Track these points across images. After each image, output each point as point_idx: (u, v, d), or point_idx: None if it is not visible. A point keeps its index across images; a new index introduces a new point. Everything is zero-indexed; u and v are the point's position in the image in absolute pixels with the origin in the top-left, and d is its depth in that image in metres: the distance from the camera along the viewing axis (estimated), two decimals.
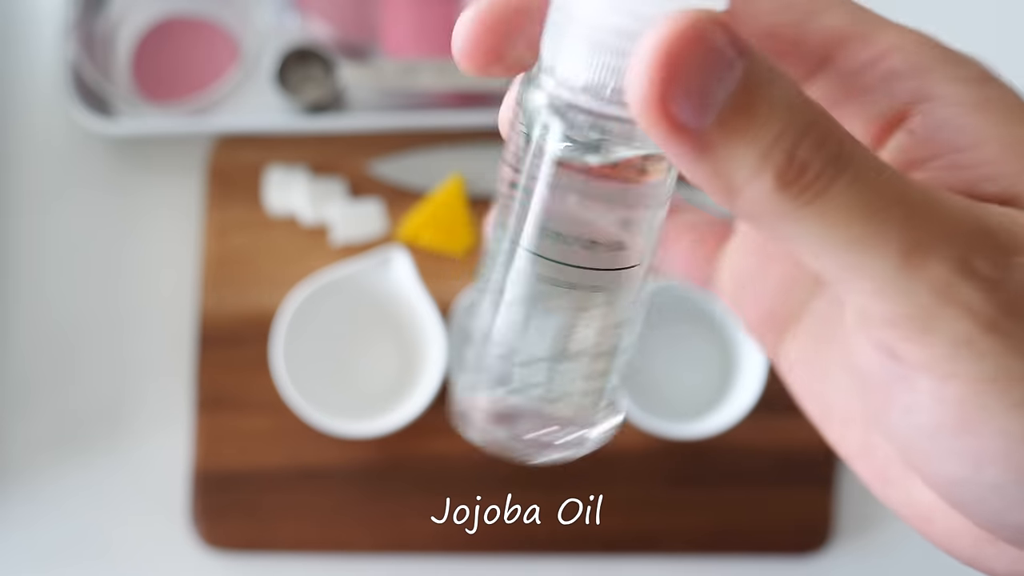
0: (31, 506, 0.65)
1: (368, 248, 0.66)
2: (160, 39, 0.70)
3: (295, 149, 0.68)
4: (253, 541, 0.63)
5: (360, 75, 0.66)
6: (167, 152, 0.70)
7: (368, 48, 0.70)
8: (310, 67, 0.69)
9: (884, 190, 0.20)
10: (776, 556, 0.65)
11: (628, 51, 0.20)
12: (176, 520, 0.64)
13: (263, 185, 0.67)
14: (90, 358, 0.66)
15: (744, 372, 0.62)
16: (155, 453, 0.65)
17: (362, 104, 0.69)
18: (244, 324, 0.65)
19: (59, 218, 0.69)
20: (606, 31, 0.20)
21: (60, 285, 0.68)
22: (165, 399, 0.66)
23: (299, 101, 0.67)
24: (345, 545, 0.64)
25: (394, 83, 0.66)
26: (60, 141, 0.70)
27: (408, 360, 0.63)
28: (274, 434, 0.64)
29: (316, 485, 0.64)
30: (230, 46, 0.70)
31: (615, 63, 0.21)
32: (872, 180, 0.20)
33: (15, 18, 0.72)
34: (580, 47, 0.21)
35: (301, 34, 0.69)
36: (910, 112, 0.24)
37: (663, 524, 0.65)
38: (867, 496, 0.66)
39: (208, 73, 0.70)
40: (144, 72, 0.70)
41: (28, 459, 0.65)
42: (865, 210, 0.20)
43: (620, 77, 0.21)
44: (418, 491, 0.64)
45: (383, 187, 0.67)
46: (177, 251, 0.68)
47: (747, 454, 0.65)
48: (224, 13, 0.70)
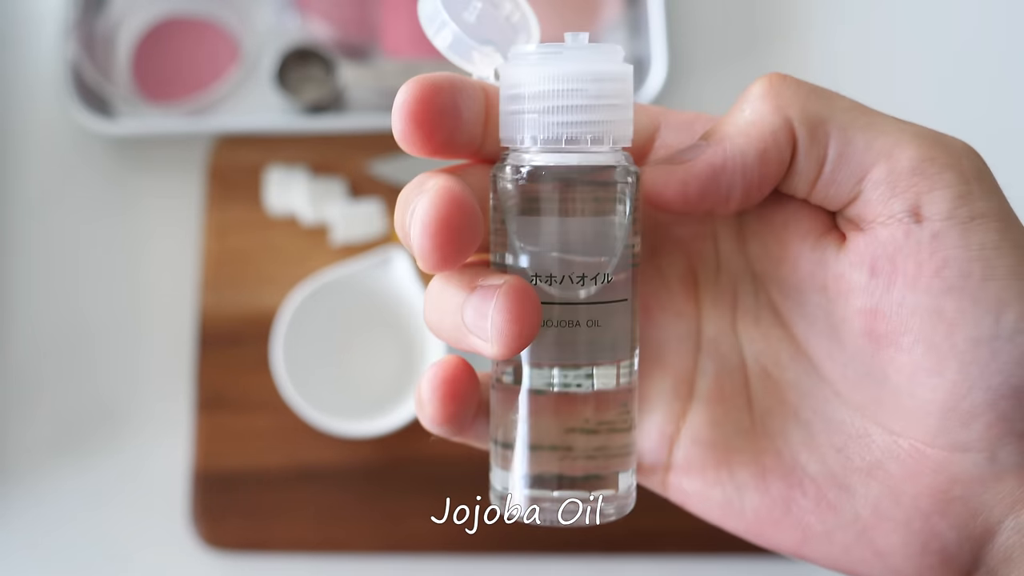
0: (31, 506, 0.65)
1: (368, 248, 0.66)
2: (160, 39, 0.70)
3: (295, 149, 0.68)
4: (253, 541, 0.63)
5: (360, 75, 0.66)
6: (167, 152, 0.70)
7: (368, 48, 0.70)
8: (310, 67, 0.69)
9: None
10: (776, 556, 0.65)
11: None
12: (176, 520, 0.64)
13: (263, 185, 0.67)
14: (90, 358, 0.66)
15: None
16: (155, 453, 0.65)
17: (362, 104, 0.69)
18: (244, 324, 0.65)
19: (59, 218, 0.69)
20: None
21: (60, 285, 0.68)
22: (165, 399, 0.66)
23: (299, 101, 0.67)
24: (345, 545, 0.64)
25: (394, 83, 0.66)
26: (60, 141, 0.70)
27: (408, 360, 0.63)
28: (274, 434, 0.64)
29: (316, 485, 0.64)
30: (230, 46, 0.70)
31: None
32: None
33: (15, 18, 0.72)
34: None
35: (301, 34, 0.69)
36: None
37: (663, 524, 0.64)
38: None
39: (208, 73, 0.70)
40: (144, 72, 0.70)
41: (28, 459, 0.65)
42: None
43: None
44: (418, 491, 0.64)
45: (383, 187, 0.67)
46: (177, 251, 0.68)
47: None
48: (224, 13, 0.70)
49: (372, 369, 0.64)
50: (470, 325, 0.26)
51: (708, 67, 0.73)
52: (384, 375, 0.64)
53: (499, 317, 0.26)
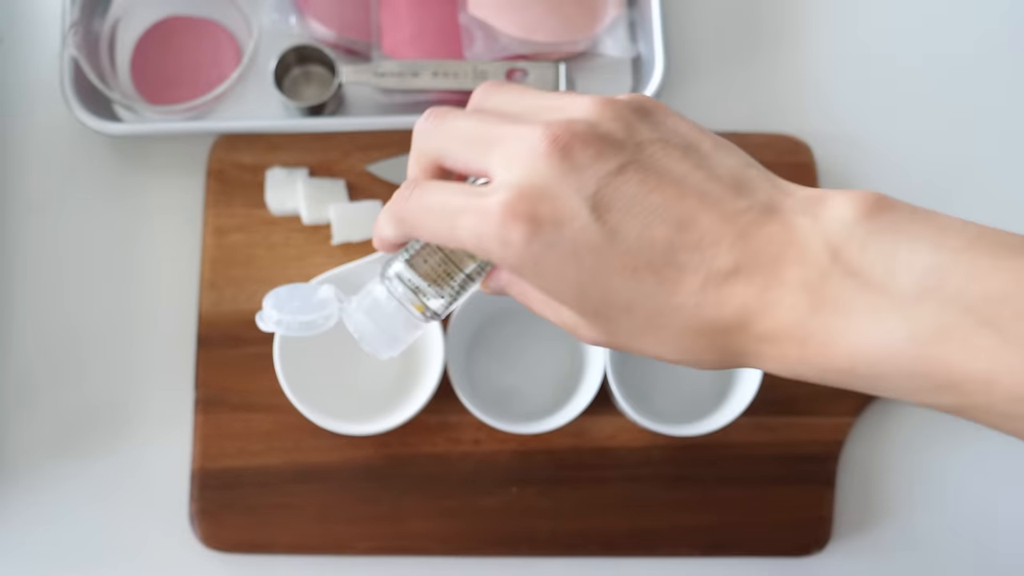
0: (32, 506, 0.65)
1: (368, 248, 0.66)
2: (160, 39, 0.70)
3: (295, 149, 0.68)
4: (252, 541, 0.63)
5: (360, 75, 0.66)
6: (167, 152, 0.70)
7: (368, 48, 0.70)
8: (310, 67, 0.69)
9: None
10: (776, 556, 0.65)
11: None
12: (177, 520, 0.64)
13: (263, 185, 0.67)
14: (91, 358, 0.66)
15: (743, 371, 0.62)
16: (156, 453, 0.65)
17: (362, 104, 0.69)
18: (244, 324, 0.65)
19: (59, 218, 0.69)
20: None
21: (60, 285, 0.68)
22: (166, 399, 0.66)
23: (299, 101, 0.67)
24: (344, 545, 0.64)
25: (394, 83, 0.66)
26: (60, 141, 0.70)
27: (408, 360, 0.63)
28: (274, 434, 0.64)
29: (316, 485, 0.64)
30: (230, 46, 0.70)
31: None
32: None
33: (15, 18, 0.72)
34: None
35: (301, 34, 0.69)
36: None
37: (662, 524, 0.64)
38: (867, 496, 0.66)
39: (208, 73, 0.70)
40: (144, 72, 0.70)
41: (29, 459, 0.65)
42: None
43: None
44: (418, 491, 0.64)
45: (383, 187, 0.67)
46: (177, 251, 0.68)
47: (747, 454, 0.65)
48: (224, 13, 0.70)
49: (372, 369, 0.63)
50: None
51: (708, 67, 0.73)
52: (384, 375, 0.64)
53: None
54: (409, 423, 0.60)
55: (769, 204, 0.35)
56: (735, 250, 0.34)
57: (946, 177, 0.71)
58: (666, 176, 0.35)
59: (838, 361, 0.33)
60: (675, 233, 0.34)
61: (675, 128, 0.37)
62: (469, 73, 0.66)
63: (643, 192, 0.34)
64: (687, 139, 0.36)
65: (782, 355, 0.34)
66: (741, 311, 0.34)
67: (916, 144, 0.72)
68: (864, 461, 0.67)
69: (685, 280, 0.34)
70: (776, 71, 0.73)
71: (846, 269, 0.33)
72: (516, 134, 0.35)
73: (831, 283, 0.33)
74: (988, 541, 0.66)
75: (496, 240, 0.34)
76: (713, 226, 0.34)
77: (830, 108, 0.72)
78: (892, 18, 0.75)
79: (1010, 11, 0.75)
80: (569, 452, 0.64)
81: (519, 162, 0.35)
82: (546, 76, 0.66)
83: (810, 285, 0.33)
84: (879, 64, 0.74)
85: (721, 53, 0.73)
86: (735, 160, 0.36)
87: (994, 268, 0.31)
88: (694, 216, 0.34)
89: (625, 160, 0.35)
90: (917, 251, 0.32)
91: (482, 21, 0.68)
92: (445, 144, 0.37)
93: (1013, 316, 0.31)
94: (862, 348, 0.32)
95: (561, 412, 0.61)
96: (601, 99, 0.36)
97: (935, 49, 0.74)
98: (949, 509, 0.67)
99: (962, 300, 0.31)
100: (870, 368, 0.33)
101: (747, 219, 0.34)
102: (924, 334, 0.31)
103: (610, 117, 0.36)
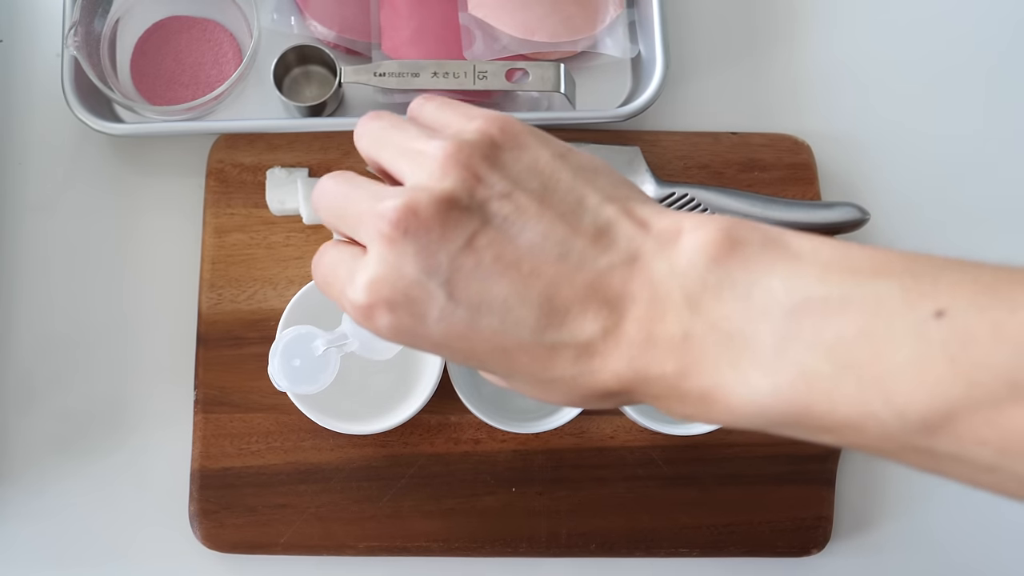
0: (32, 506, 0.65)
1: None
2: (160, 39, 0.70)
3: (295, 149, 0.68)
4: (252, 541, 0.63)
5: (360, 75, 0.66)
6: (167, 152, 0.70)
7: (368, 48, 0.70)
8: (310, 67, 0.69)
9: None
10: (776, 556, 0.65)
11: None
12: (177, 520, 0.64)
13: (263, 185, 0.67)
14: (91, 358, 0.66)
15: None
16: (156, 453, 0.65)
17: (362, 104, 0.69)
18: (244, 324, 0.65)
19: (59, 218, 0.69)
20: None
21: (60, 284, 0.68)
22: (166, 399, 0.66)
23: (299, 101, 0.67)
24: (344, 545, 0.64)
25: (394, 83, 0.66)
26: (60, 141, 0.70)
27: (408, 360, 0.63)
28: (274, 434, 0.64)
29: (316, 485, 0.64)
30: (230, 46, 0.70)
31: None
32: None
33: (15, 18, 0.72)
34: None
35: (301, 34, 0.69)
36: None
37: (662, 524, 0.64)
38: (867, 496, 0.66)
39: (208, 73, 0.70)
40: (144, 72, 0.70)
41: (29, 459, 0.65)
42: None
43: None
44: (418, 491, 0.64)
45: None
46: (177, 251, 0.68)
47: (747, 454, 0.65)
48: (224, 13, 0.70)
49: (372, 368, 0.63)
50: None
51: (708, 67, 0.73)
52: (384, 375, 0.64)
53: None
54: (409, 423, 0.60)
55: (630, 252, 0.34)
56: (600, 318, 0.33)
57: (946, 177, 0.71)
58: (521, 245, 0.34)
59: (721, 416, 0.33)
60: (538, 314, 0.33)
61: (531, 165, 0.35)
62: (469, 73, 0.66)
63: (498, 270, 0.33)
64: (543, 177, 0.35)
65: (670, 410, 0.34)
66: (616, 379, 0.34)
67: (916, 144, 0.72)
68: (864, 461, 0.67)
69: (557, 357, 0.34)
70: (777, 71, 0.73)
71: (706, 323, 0.32)
72: (370, 211, 0.35)
73: (694, 343, 0.32)
74: (988, 541, 0.66)
75: (368, 326, 0.34)
76: (576, 296, 0.33)
77: (830, 108, 0.72)
78: (892, 18, 0.75)
79: (1010, 11, 0.75)
80: (569, 452, 0.64)
81: (372, 246, 0.34)
82: (546, 76, 0.66)
83: (675, 348, 0.32)
84: (879, 64, 0.74)
85: (721, 53, 0.73)
86: (596, 193, 0.35)
87: (844, 303, 0.31)
88: (556, 290, 0.33)
89: (473, 229, 0.34)
90: (771, 290, 0.32)
91: (482, 21, 0.68)
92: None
93: (870, 357, 0.30)
94: (735, 405, 0.32)
95: (561, 412, 0.61)
96: (453, 147, 0.35)
97: (935, 49, 0.74)
98: (949, 509, 0.67)
99: (819, 345, 0.31)
100: (751, 421, 0.32)
101: (610, 279, 0.34)
102: (787, 389, 0.31)
103: (456, 175, 0.34)
